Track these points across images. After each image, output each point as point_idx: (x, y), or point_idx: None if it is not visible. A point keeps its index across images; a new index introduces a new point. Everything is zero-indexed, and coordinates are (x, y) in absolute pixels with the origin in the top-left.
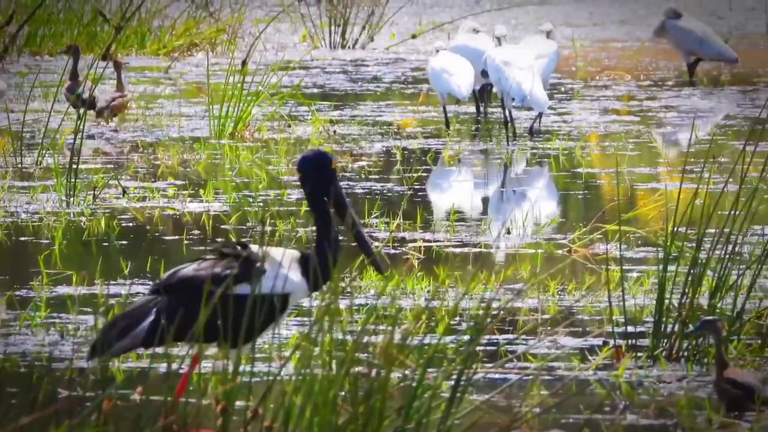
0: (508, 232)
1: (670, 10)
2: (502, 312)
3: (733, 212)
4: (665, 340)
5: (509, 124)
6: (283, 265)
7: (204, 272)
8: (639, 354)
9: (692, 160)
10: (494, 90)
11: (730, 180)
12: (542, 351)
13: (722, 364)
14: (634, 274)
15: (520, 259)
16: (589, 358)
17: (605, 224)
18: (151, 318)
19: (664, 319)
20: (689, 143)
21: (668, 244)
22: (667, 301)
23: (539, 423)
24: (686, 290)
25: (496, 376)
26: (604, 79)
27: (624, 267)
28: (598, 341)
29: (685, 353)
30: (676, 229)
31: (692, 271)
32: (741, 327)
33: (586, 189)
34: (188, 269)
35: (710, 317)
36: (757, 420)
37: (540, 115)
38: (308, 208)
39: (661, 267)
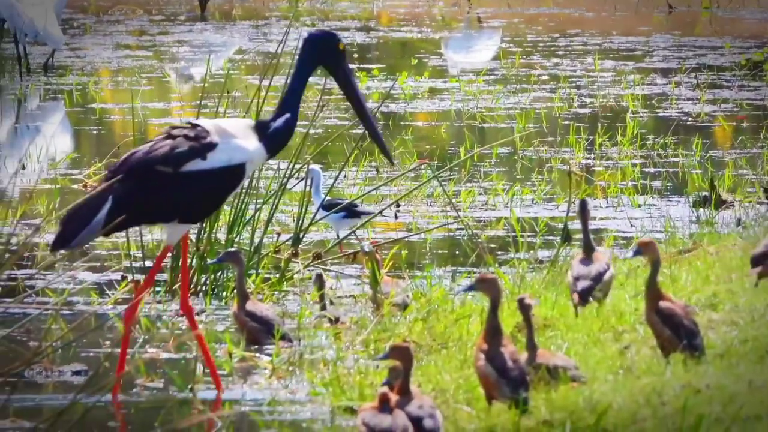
0: (24, 168)
1: None
2: (20, 247)
3: None
4: None
5: (23, 59)
6: (235, 135)
7: (155, 153)
8: (157, 288)
9: (206, 95)
10: (7, 26)
11: (246, 115)
12: (61, 286)
13: (243, 296)
14: None
15: (36, 195)
16: (108, 292)
17: (118, 158)
18: (108, 206)
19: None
20: (203, 78)
21: None
22: None
23: (60, 357)
24: (203, 225)
25: (16, 311)
26: (116, 14)
27: None
28: (117, 276)
29: (204, 287)
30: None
31: None
32: (259, 261)
33: (100, 124)
34: (140, 153)
35: (232, 249)
36: (277, 353)
37: (54, 51)
38: (292, 77)
39: None
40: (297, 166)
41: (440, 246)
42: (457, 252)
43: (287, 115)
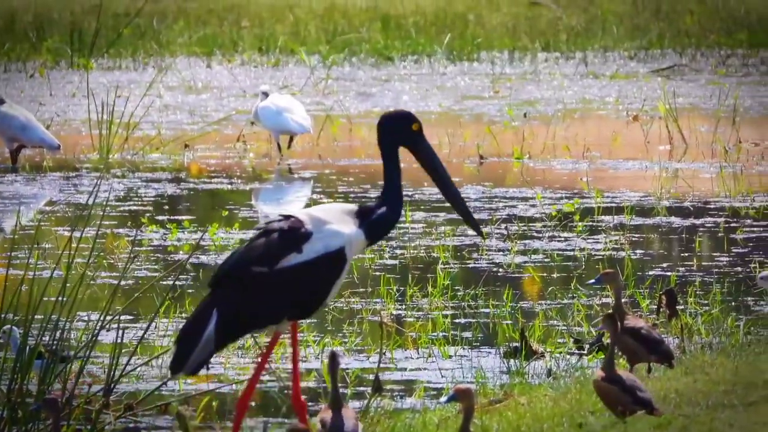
0: None
1: None
2: None
3: (60, 298)
4: None
5: None
6: (330, 221)
7: (250, 254)
8: None
9: (17, 246)
10: None
11: (56, 266)
12: None
13: None
14: None
15: None
16: None
17: None
18: (215, 320)
19: None
20: (14, 230)
21: None
22: None
23: None
24: (15, 377)
25: None
26: None
27: None
28: None
29: None
30: (1, 316)
31: (20, 358)
32: (70, 413)
33: None
34: (236, 256)
35: (50, 396)
36: None
37: None
38: (384, 166)
39: None
40: (108, 318)
41: (252, 397)
42: (268, 403)
43: (389, 205)
